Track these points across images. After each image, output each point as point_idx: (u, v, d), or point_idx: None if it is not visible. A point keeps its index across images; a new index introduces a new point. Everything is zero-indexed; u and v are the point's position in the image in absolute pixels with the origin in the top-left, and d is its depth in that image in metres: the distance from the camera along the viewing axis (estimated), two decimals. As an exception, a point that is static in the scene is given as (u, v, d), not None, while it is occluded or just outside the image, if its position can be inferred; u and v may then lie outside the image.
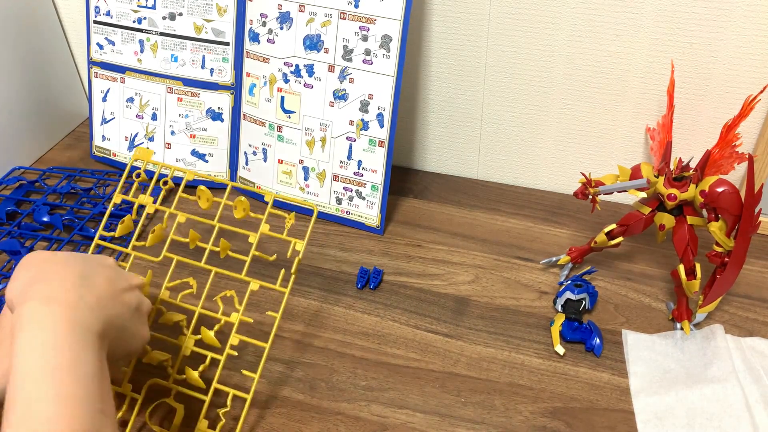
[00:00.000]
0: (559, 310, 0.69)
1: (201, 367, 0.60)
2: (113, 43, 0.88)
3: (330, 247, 0.80)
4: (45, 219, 0.82)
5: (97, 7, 0.87)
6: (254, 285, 0.60)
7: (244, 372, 0.60)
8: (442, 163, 0.93)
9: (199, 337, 0.61)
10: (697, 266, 0.65)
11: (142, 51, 0.86)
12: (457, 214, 0.85)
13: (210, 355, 0.60)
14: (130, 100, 0.89)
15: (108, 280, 0.51)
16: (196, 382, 0.59)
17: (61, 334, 0.44)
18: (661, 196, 0.66)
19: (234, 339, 0.60)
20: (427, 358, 0.66)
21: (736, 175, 0.78)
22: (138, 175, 0.64)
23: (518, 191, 0.89)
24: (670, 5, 0.71)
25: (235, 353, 0.60)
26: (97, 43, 0.89)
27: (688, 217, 0.65)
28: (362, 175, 0.80)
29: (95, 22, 0.88)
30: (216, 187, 0.89)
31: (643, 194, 0.69)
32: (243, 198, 0.63)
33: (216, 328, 0.60)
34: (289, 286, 0.61)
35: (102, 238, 0.65)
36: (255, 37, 0.81)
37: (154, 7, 0.84)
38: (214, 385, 0.59)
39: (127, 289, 0.52)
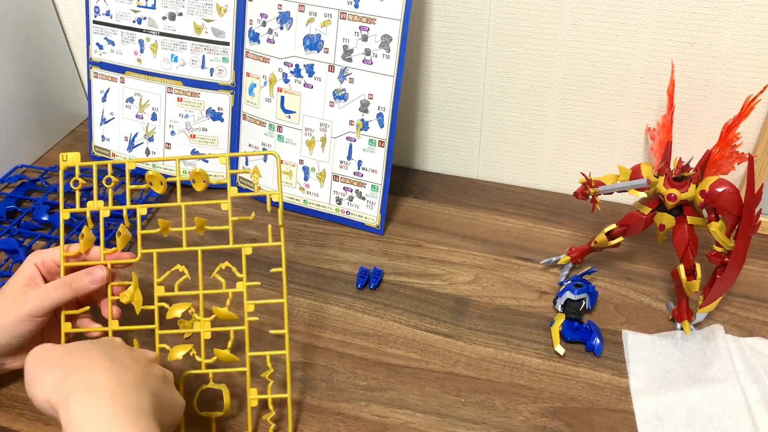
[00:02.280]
0: (559, 310, 0.69)
1: (229, 344, 0.59)
2: (113, 43, 0.88)
3: (330, 247, 0.80)
4: (44, 218, 0.82)
5: (96, 7, 0.87)
6: (247, 249, 0.59)
7: (272, 331, 0.60)
8: (442, 163, 0.93)
9: (213, 317, 0.60)
10: (697, 266, 0.65)
11: (142, 51, 0.86)
12: (457, 214, 0.85)
13: (231, 329, 0.60)
14: (130, 100, 0.89)
15: (132, 359, 0.51)
16: (228, 358, 0.59)
17: (118, 422, 0.44)
18: (661, 196, 0.66)
19: (249, 306, 0.59)
20: (427, 358, 0.66)
21: (736, 175, 0.78)
22: (76, 183, 0.61)
23: (518, 191, 0.89)
24: (670, 5, 0.71)
25: (256, 318, 0.59)
26: (97, 43, 0.89)
27: (688, 217, 0.65)
28: (362, 175, 0.80)
29: (95, 22, 0.88)
30: (216, 188, 0.89)
31: (643, 194, 0.69)
32: (200, 170, 0.60)
33: (228, 302, 0.59)
34: (282, 239, 0.59)
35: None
36: (255, 37, 0.81)
37: (154, 7, 0.84)
38: (248, 353, 0.59)
39: (149, 362, 0.53)
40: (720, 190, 0.62)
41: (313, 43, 0.77)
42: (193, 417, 0.60)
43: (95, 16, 0.88)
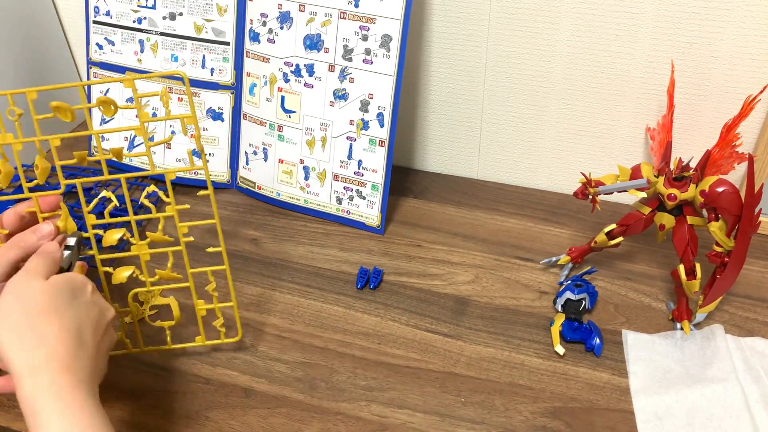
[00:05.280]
0: (559, 310, 0.69)
1: (168, 263, 0.61)
2: (113, 43, 0.88)
3: (330, 247, 0.80)
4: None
5: (96, 7, 0.87)
6: (171, 175, 0.59)
7: (209, 249, 0.63)
8: (442, 163, 0.93)
9: (148, 240, 0.61)
10: (697, 266, 0.65)
11: (142, 51, 0.86)
12: (457, 214, 0.85)
13: (168, 250, 0.62)
14: (130, 100, 0.89)
15: (95, 330, 0.55)
16: (169, 276, 0.62)
17: (77, 402, 0.49)
18: (661, 196, 0.66)
19: (183, 228, 0.61)
20: (427, 358, 0.66)
21: (736, 175, 0.78)
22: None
23: (518, 191, 0.89)
24: (670, 5, 0.71)
25: (191, 238, 0.61)
26: (97, 44, 0.89)
27: (688, 217, 0.65)
28: (362, 175, 0.80)
29: (95, 22, 0.88)
30: (218, 188, 0.89)
31: (643, 194, 0.69)
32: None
33: (160, 227, 0.60)
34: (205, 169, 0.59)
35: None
36: (255, 37, 0.81)
37: (154, 7, 0.84)
38: (189, 270, 0.62)
39: (107, 325, 0.56)
40: (720, 190, 0.62)
41: (313, 43, 0.77)
42: (148, 328, 0.66)
43: (95, 16, 0.88)
